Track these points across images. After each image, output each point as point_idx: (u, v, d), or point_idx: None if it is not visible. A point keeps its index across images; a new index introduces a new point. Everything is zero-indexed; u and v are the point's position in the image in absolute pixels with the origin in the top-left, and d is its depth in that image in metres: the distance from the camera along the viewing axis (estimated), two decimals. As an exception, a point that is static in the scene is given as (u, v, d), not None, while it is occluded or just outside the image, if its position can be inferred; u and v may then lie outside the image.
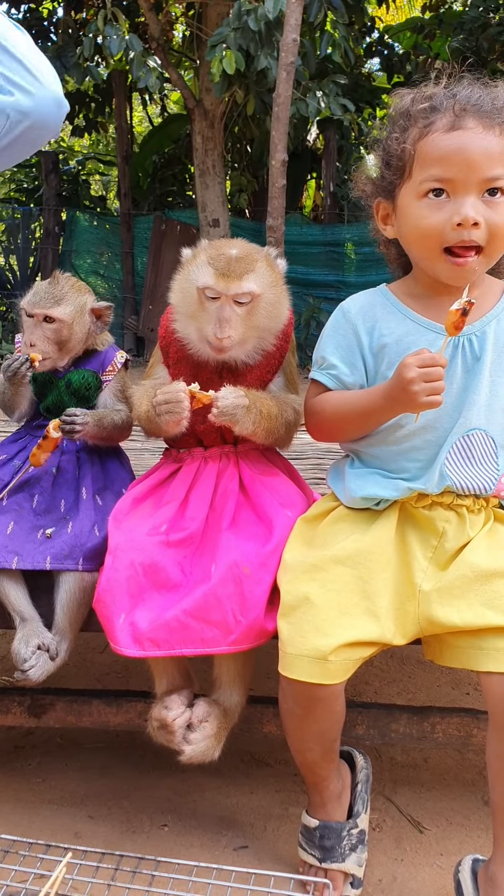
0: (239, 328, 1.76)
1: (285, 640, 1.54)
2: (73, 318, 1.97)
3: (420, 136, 1.55)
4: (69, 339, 1.98)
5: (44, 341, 1.96)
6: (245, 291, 1.75)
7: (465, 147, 1.50)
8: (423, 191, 1.54)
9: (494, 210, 1.51)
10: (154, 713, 1.72)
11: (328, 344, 1.73)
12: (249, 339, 1.81)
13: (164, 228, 9.76)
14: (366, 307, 1.72)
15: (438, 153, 1.52)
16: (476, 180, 1.50)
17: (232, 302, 1.75)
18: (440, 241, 1.54)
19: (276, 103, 6.61)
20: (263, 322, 1.81)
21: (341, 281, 10.00)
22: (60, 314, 1.96)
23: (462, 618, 1.50)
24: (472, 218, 1.49)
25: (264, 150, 9.01)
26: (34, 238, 11.17)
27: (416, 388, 1.48)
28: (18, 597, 1.83)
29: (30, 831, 1.85)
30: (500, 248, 1.56)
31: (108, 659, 2.62)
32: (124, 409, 2.05)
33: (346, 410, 1.66)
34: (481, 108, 1.51)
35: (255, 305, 1.77)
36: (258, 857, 1.80)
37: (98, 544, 1.81)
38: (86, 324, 2.02)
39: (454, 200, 1.52)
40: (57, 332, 1.96)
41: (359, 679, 2.52)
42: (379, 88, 10.81)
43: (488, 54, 9.38)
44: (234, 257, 1.76)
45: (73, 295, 1.99)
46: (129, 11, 8.97)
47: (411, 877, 1.76)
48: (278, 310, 1.83)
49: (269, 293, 1.79)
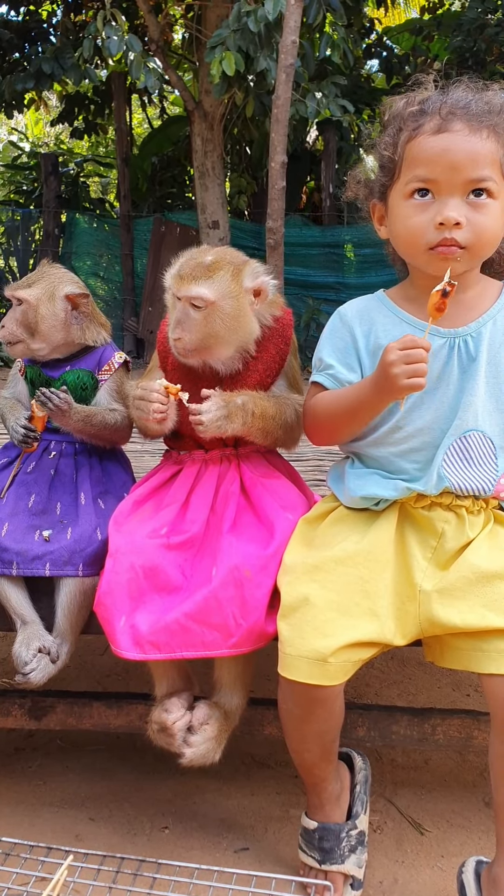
0: (193, 332, 1.76)
1: (285, 641, 1.54)
2: (39, 301, 1.98)
3: (409, 138, 1.57)
4: (37, 322, 1.98)
5: (12, 322, 1.99)
6: (195, 295, 1.75)
7: (449, 149, 1.51)
8: (409, 191, 1.57)
9: (479, 211, 1.52)
10: (154, 716, 1.73)
11: (325, 346, 1.74)
12: (212, 346, 1.79)
13: (164, 230, 9.76)
14: (362, 311, 1.73)
15: (424, 154, 1.54)
16: (460, 181, 1.51)
17: (188, 305, 1.76)
18: (425, 242, 1.55)
19: (276, 105, 6.61)
20: (220, 331, 1.78)
21: (341, 282, 10.00)
22: (25, 295, 1.98)
23: (463, 619, 1.50)
24: (454, 218, 1.50)
25: (264, 152, 9.02)
26: (34, 240, 11.16)
27: (396, 370, 1.48)
28: (19, 600, 1.83)
29: (31, 834, 1.85)
30: (485, 248, 1.57)
31: (109, 661, 2.62)
32: (120, 410, 2.03)
33: (338, 406, 1.67)
34: (469, 110, 1.52)
35: (211, 313, 1.76)
36: (259, 859, 1.80)
37: (99, 549, 1.81)
38: (57, 310, 1.99)
39: (438, 201, 1.53)
40: (24, 314, 1.98)
41: (359, 681, 2.52)
42: (378, 90, 10.82)
43: (486, 55, 9.39)
44: (198, 263, 1.78)
45: (45, 279, 2.01)
46: (128, 13, 8.98)
47: (412, 878, 1.76)
48: (237, 322, 1.79)
49: (225, 304, 1.77)
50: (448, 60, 9.77)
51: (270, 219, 6.80)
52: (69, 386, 2.02)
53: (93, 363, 2.07)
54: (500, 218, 1.55)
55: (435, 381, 1.61)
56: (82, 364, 2.06)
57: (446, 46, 10.00)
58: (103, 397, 2.06)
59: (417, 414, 1.63)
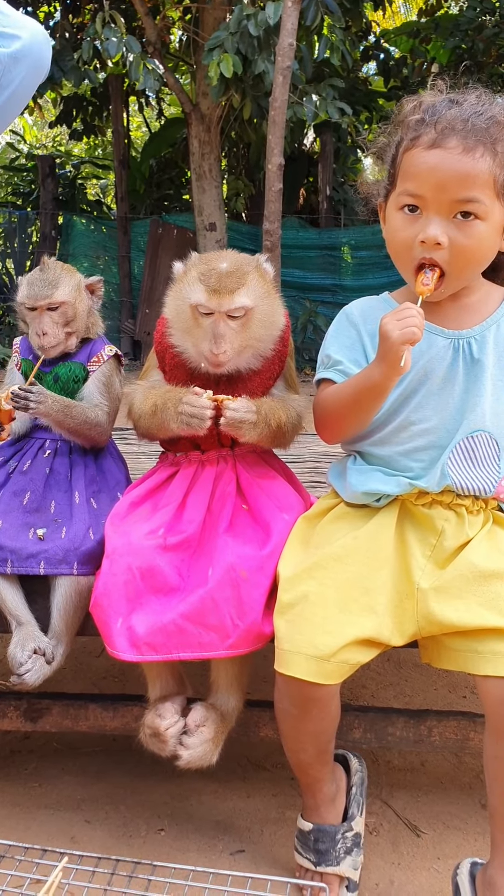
0: (234, 342, 1.77)
1: (282, 637, 1.54)
2: (75, 297, 2.02)
3: (406, 148, 1.57)
4: (75, 317, 2.02)
5: (53, 327, 1.99)
6: (238, 307, 1.75)
7: (438, 167, 1.51)
8: (400, 204, 1.58)
9: (463, 232, 1.52)
10: (147, 720, 1.72)
11: (332, 344, 1.75)
12: (245, 350, 1.81)
13: (161, 232, 9.76)
14: (367, 311, 1.75)
15: (415, 169, 1.54)
16: (447, 201, 1.51)
17: (226, 317, 1.76)
18: (412, 256, 1.57)
19: (273, 107, 6.61)
20: (259, 332, 1.81)
21: (338, 284, 10.00)
22: (62, 297, 1.99)
23: (460, 617, 1.50)
24: (434, 238, 1.51)
25: (261, 154, 9.02)
26: (31, 242, 11.15)
27: (390, 326, 1.50)
28: (14, 600, 1.83)
29: (26, 836, 1.84)
30: (465, 269, 1.57)
31: (105, 663, 2.61)
32: (102, 406, 2.03)
33: (346, 393, 1.66)
34: (468, 126, 1.50)
35: (249, 318, 1.78)
36: (255, 861, 1.80)
37: (93, 548, 1.81)
38: (85, 300, 2.06)
39: (425, 217, 1.54)
40: (63, 315, 2.00)
41: (355, 682, 2.52)
42: (375, 92, 10.84)
43: (484, 56, 9.40)
44: (224, 272, 1.76)
45: (66, 276, 2.04)
46: (126, 15, 8.97)
47: (408, 881, 1.76)
48: (272, 318, 1.84)
49: (262, 304, 1.80)
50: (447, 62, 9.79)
51: (267, 221, 6.80)
52: (62, 379, 2.03)
53: (84, 356, 2.08)
54: (489, 238, 1.55)
55: (440, 381, 1.63)
56: (75, 357, 2.07)
57: (443, 46, 10.01)
58: (91, 389, 2.05)
59: (423, 414, 1.64)
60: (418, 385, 1.65)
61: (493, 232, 1.55)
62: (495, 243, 1.58)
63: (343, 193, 10.27)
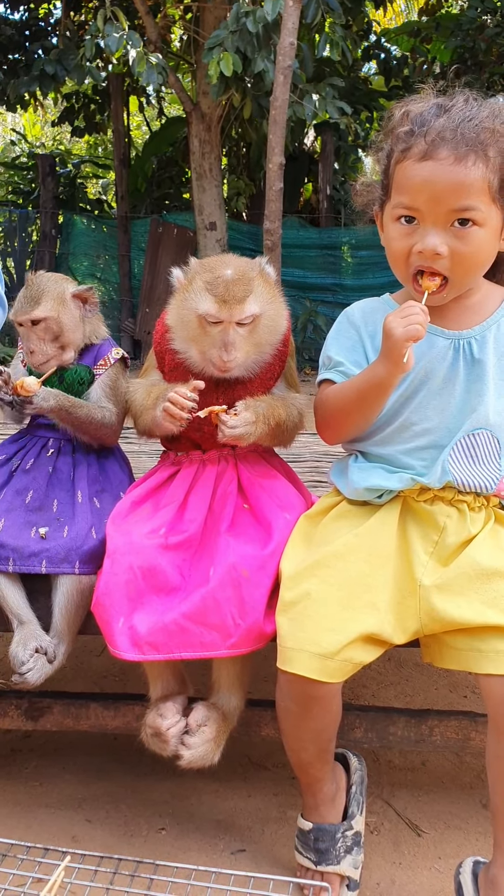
0: (243, 348, 1.78)
1: (285, 635, 1.54)
2: (57, 311, 1.97)
3: (397, 160, 1.57)
4: (61, 331, 1.98)
5: (40, 343, 1.97)
6: (248, 315, 1.76)
7: (431, 179, 1.50)
8: (396, 216, 1.58)
9: (462, 240, 1.52)
10: (148, 720, 1.72)
11: (333, 346, 1.76)
12: (252, 354, 1.82)
13: (161, 231, 9.76)
14: (368, 312, 1.75)
15: (408, 182, 1.54)
16: (443, 212, 1.51)
17: (235, 325, 1.76)
18: (409, 265, 1.58)
19: (273, 107, 6.62)
20: (266, 337, 1.82)
21: (338, 284, 10.01)
22: (41, 313, 1.96)
23: (462, 614, 1.51)
24: (433, 249, 1.52)
25: (261, 154, 9.03)
26: (31, 241, 11.15)
27: (393, 324, 1.51)
28: (16, 599, 1.83)
29: (26, 835, 1.84)
30: (467, 276, 1.58)
31: (106, 662, 2.61)
32: (109, 408, 2.02)
33: (349, 392, 1.67)
34: (457, 134, 1.49)
35: (256, 324, 1.78)
36: (256, 860, 1.80)
37: (95, 547, 1.81)
38: (72, 311, 2.01)
39: (422, 228, 1.54)
40: (47, 330, 1.97)
41: (356, 682, 2.52)
42: (376, 91, 10.83)
43: (485, 55, 9.39)
44: (231, 280, 1.75)
45: (49, 289, 1.99)
46: (127, 14, 8.98)
47: (409, 880, 1.76)
48: (277, 322, 1.84)
49: (268, 309, 1.81)
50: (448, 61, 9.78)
51: (268, 220, 6.80)
52: (66, 381, 2.02)
53: (91, 359, 2.07)
54: (488, 243, 1.56)
55: (441, 382, 1.64)
56: (81, 360, 2.06)
57: (445, 45, 10.00)
58: (96, 391, 2.04)
59: (424, 414, 1.65)
60: (419, 385, 1.65)
61: (492, 236, 1.56)
62: (495, 246, 1.58)
63: (343, 193, 10.27)
